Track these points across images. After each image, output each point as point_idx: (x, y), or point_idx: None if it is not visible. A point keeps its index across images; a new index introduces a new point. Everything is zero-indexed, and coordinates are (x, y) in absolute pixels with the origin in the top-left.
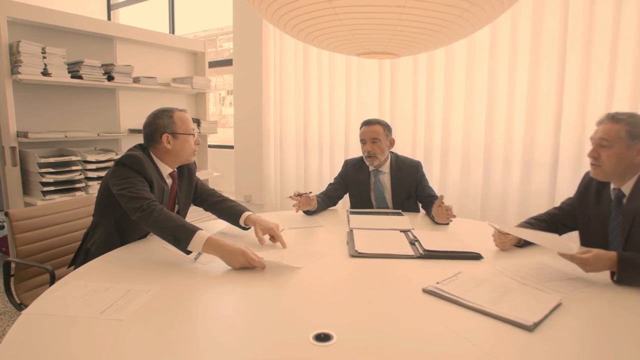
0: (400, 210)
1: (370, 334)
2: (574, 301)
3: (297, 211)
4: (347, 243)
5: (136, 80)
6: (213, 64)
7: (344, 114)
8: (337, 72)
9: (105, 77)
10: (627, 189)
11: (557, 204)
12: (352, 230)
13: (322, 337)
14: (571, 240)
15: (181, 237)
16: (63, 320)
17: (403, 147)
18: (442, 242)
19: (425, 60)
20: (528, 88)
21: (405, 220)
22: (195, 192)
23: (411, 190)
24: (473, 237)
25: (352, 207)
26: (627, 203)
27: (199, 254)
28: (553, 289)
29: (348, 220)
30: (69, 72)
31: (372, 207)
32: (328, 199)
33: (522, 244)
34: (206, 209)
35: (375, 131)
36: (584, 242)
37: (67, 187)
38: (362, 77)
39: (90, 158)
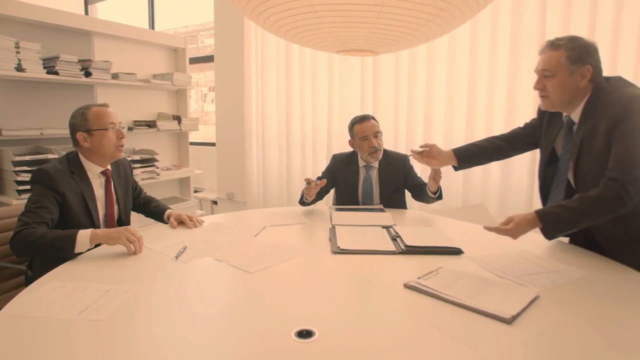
0: (382, 206)
1: (352, 330)
2: (551, 294)
3: (310, 197)
4: (330, 239)
5: (115, 76)
6: (194, 60)
7: (327, 111)
8: (320, 69)
9: (83, 73)
10: (576, 116)
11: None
12: (334, 227)
13: (304, 334)
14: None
15: (63, 245)
16: (40, 322)
17: (385, 144)
18: (423, 237)
19: (407, 57)
20: (508, 85)
21: (387, 216)
22: (134, 191)
23: (399, 184)
24: (454, 232)
25: (337, 201)
26: (576, 131)
27: (180, 252)
28: (531, 283)
29: (330, 217)
30: (44, 67)
31: (357, 202)
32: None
33: (459, 166)
34: (137, 210)
35: (376, 125)
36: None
37: None
38: (345, 74)
39: None
